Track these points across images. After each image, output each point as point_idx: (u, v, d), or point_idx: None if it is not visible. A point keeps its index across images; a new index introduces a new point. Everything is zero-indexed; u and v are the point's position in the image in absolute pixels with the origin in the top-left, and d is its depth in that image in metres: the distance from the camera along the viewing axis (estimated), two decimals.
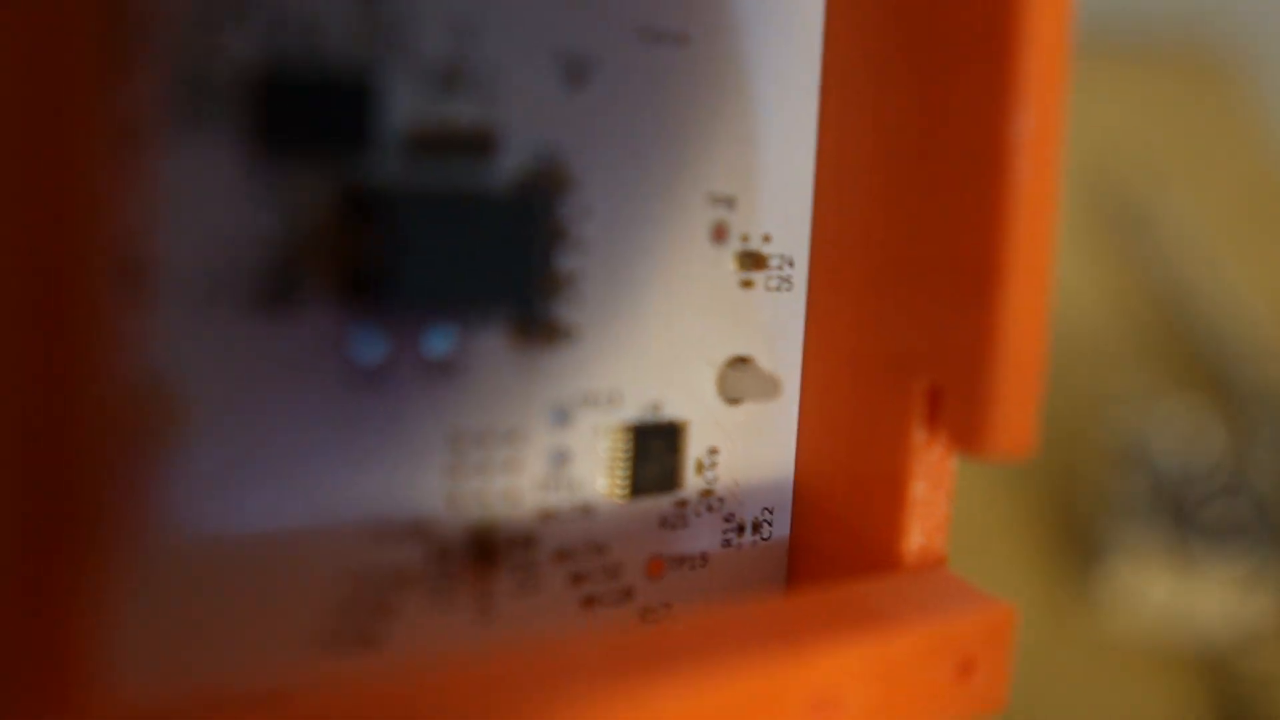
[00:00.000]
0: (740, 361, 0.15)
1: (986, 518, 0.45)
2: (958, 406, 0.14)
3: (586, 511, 0.14)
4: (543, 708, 0.11)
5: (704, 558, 0.15)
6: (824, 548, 0.16)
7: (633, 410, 0.15)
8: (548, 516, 0.14)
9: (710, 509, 0.15)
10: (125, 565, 0.11)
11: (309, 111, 0.12)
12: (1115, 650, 0.43)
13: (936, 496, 0.15)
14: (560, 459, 0.14)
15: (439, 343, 0.13)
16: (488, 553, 0.14)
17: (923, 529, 0.15)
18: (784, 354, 0.16)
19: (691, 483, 0.15)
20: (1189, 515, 0.44)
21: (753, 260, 0.15)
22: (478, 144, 0.13)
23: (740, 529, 0.16)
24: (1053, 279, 0.14)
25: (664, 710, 0.12)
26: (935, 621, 0.14)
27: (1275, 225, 0.57)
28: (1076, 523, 0.46)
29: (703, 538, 0.15)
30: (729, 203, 0.15)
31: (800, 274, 0.16)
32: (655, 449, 0.15)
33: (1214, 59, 0.60)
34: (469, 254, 0.12)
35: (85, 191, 0.10)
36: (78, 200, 0.10)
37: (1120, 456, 0.45)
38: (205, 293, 0.12)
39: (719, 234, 0.15)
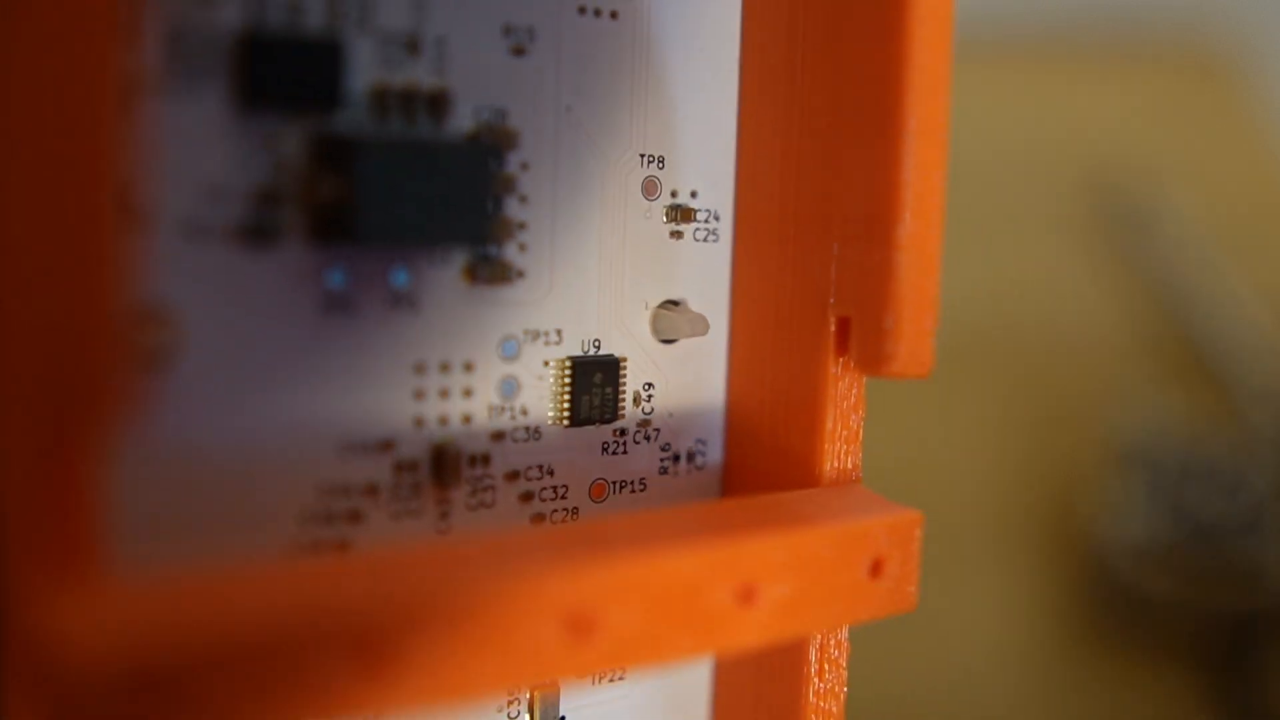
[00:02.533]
0: (672, 304, 0.17)
1: (986, 517, 0.46)
2: (863, 334, 0.16)
3: (535, 436, 0.16)
4: (494, 583, 0.13)
5: (643, 482, 0.17)
6: (753, 473, 0.18)
7: (575, 346, 0.16)
8: (500, 439, 0.16)
9: (648, 438, 0.17)
10: (127, 464, 0.13)
11: (287, 71, 0.14)
12: (1115, 649, 0.44)
13: (849, 418, 0.17)
14: (510, 388, 0.16)
15: (402, 277, 0.15)
16: (447, 469, 0.15)
17: (838, 449, 0.17)
18: (712, 297, 0.17)
19: (630, 413, 0.17)
20: (1187, 515, 0.44)
21: (681, 213, 0.17)
22: (434, 104, 0.15)
23: (676, 458, 0.17)
24: (941, 221, 0.16)
25: (600, 587, 0.13)
26: (847, 523, 0.15)
27: (1275, 225, 0.58)
28: (1075, 522, 0.47)
29: (641, 464, 0.17)
30: (659, 161, 0.17)
31: (726, 226, 0.17)
32: (595, 381, 0.16)
33: (1214, 59, 0.61)
34: (427, 197, 0.14)
35: (95, 138, 0.12)
36: (89, 145, 0.12)
37: (1120, 456, 0.46)
38: (194, 230, 0.13)
39: (650, 189, 0.17)
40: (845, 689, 0.17)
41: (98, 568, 0.12)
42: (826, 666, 0.17)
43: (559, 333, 0.16)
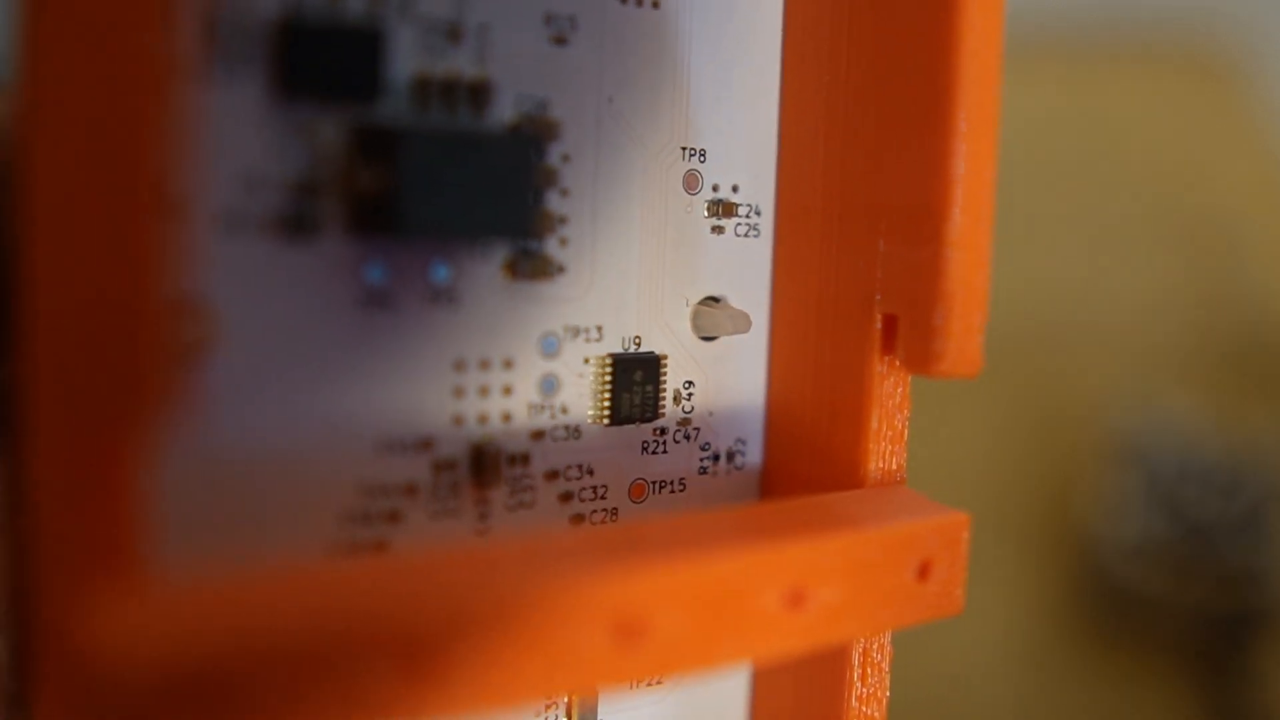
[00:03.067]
0: (713, 300, 0.17)
1: (983, 516, 0.46)
2: (910, 333, 0.16)
3: (575, 435, 0.16)
4: (543, 587, 0.13)
5: (682, 482, 0.17)
6: (794, 473, 0.17)
7: (615, 343, 0.16)
8: (540, 438, 0.15)
9: (688, 438, 0.17)
10: (167, 460, 0.13)
11: (327, 59, 0.13)
12: (1109, 648, 0.44)
13: (895, 417, 0.16)
14: (550, 385, 0.15)
15: (442, 272, 0.14)
16: (487, 468, 0.15)
17: (883, 449, 0.16)
18: (753, 294, 0.17)
19: (670, 412, 0.17)
20: (1184, 516, 0.44)
21: (723, 208, 0.17)
22: (475, 94, 0.14)
23: (715, 458, 0.17)
24: (992, 217, 0.15)
25: (650, 591, 0.13)
26: (896, 526, 0.15)
27: (1274, 225, 0.58)
28: (1072, 520, 0.46)
29: (681, 464, 0.17)
30: (701, 154, 0.16)
31: (767, 221, 0.17)
32: (636, 379, 0.16)
33: (1214, 59, 0.61)
34: (470, 189, 0.14)
35: (135, 126, 0.12)
36: (130, 135, 0.12)
37: (1117, 455, 0.46)
38: (231, 221, 0.13)
39: (691, 183, 0.16)
40: (888, 693, 0.17)
41: (137, 569, 0.12)
42: (870, 671, 0.16)
43: (599, 329, 0.16)
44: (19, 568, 0.12)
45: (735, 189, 0.17)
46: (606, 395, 0.16)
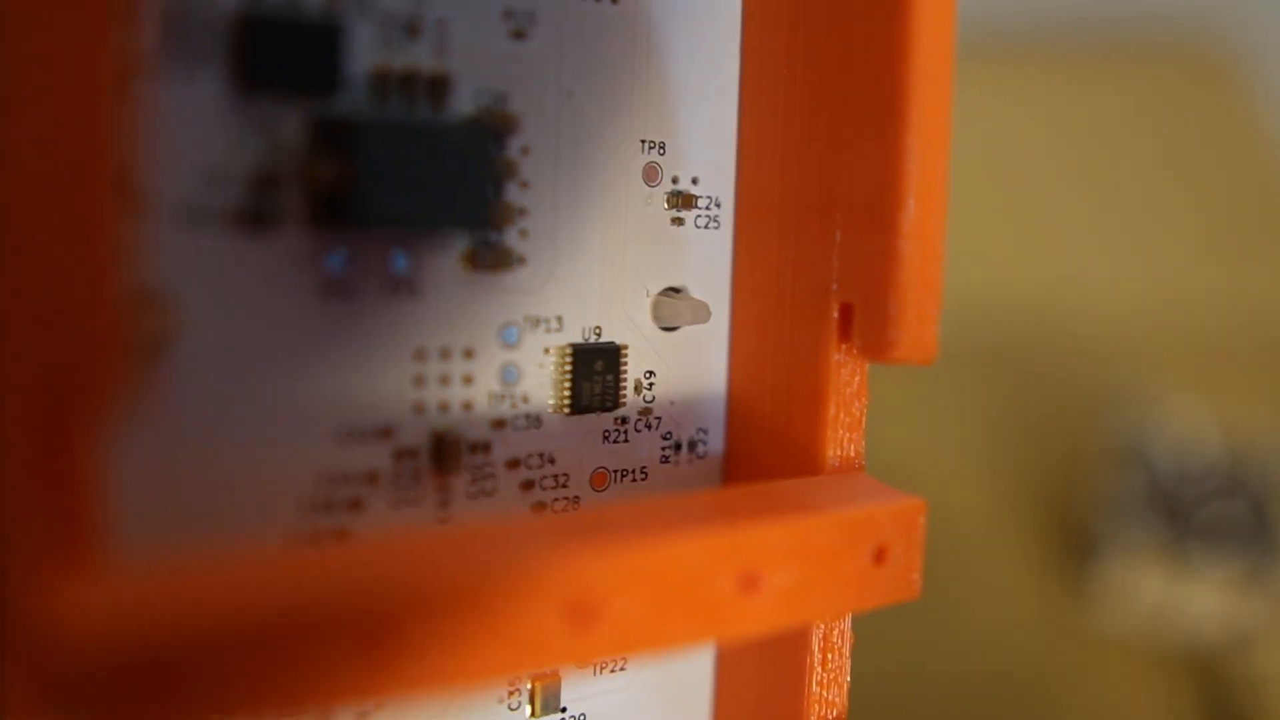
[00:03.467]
0: (673, 291, 0.17)
1: (983, 515, 0.46)
2: (866, 321, 0.16)
3: (536, 424, 0.16)
4: (497, 570, 0.13)
5: (644, 471, 0.17)
6: (755, 461, 0.18)
7: (575, 334, 0.16)
8: (500, 426, 0.16)
9: (649, 426, 0.17)
10: (125, 450, 0.13)
11: (286, 52, 0.14)
12: (1108, 648, 0.44)
13: (852, 405, 0.16)
14: (511, 375, 0.16)
15: (401, 262, 0.15)
16: (448, 456, 0.15)
17: (841, 436, 0.17)
18: (714, 284, 0.17)
19: (631, 401, 0.17)
20: (1184, 515, 0.44)
21: (682, 200, 0.17)
22: (434, 87, 0.15)
23: (677, 447, 0.17)
24: (945, 206, 0.16)
25: (603, 575, 0.13)
26: (851, 510, 0.15)
27: (1274, 225, 0.58)
28: (1072, 520, 0.46)
29: (643, 452, 0.17)
30: (660, 147, 0.17)
31: (727, 213, 0.17)
32: (596, 369, 0.16)
33: (1214, 59, 0.61)
34: (428, 181, 0.14)
35: (93, 120, 0.12)
36: (87, 128, 0.12)
37: (1117, 455, 0.46)
38: (192, 214, 0.13)
39: (651, 175, 0.17)
40: (848, 679, 0.17)
41: (96, 554, 0.12)
42: (830, 656, 0.17)
43: (559, 320, 0.16)
44: None
45: (695, 181, 0.17)
46: (567, 385, 0.16)
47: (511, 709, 0.16)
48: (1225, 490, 0.45)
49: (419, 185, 0.14)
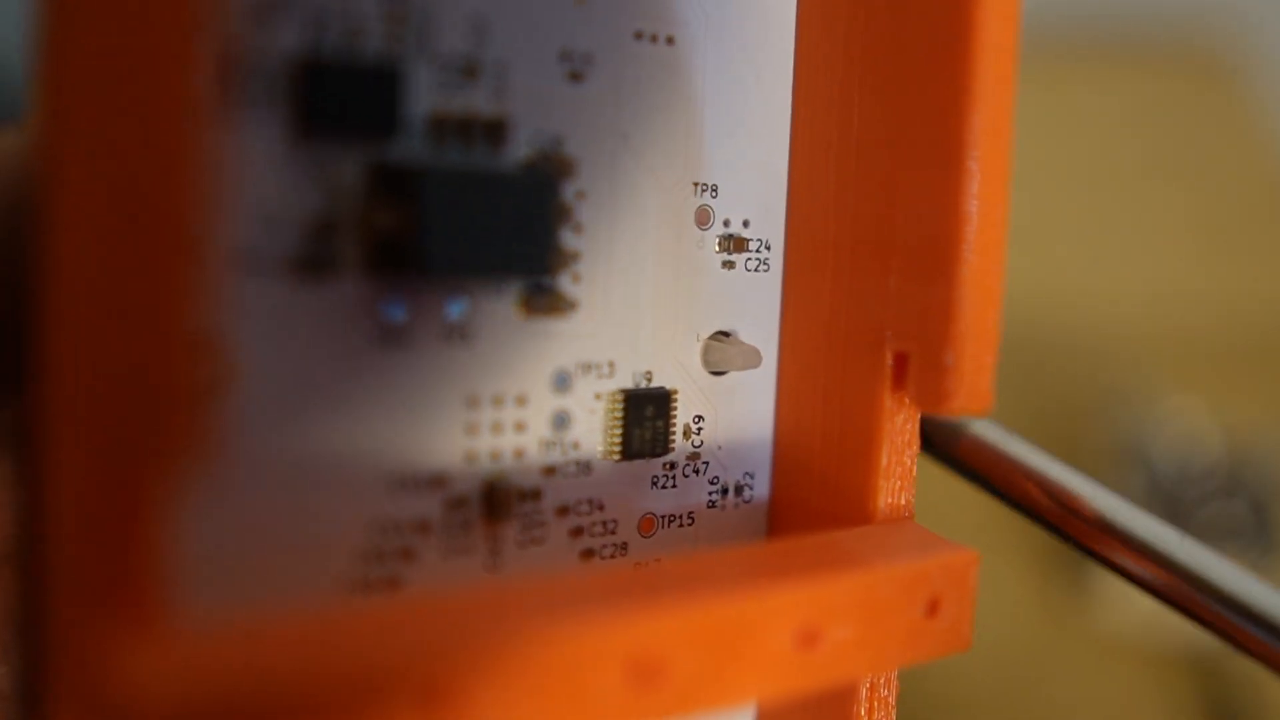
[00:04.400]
0: (723, 335, 0.17)
1: (983, 514, 0.45)
2: (922, 371, 0.16)
3: (585, 470, 0.16)
4: (561, 629, 0.13)
5: (691, 516, 0.17)
6: (801, 507, 0.17)
7: (626, 379, 0.16)
8: (551, 474, 0.15)
9: (697, 471, 0.17)
10: (187, 500, 0.13)
11: (345, 98, 0.13)
12: (1108, 648, 0.43)
13: (904, 454, 0.16)
14: (562, 421, 0.15)
15: (457, 309, 0.14)
16: (499, 505, 0.15)
17: (892, 485, 0.16)
18: (763, 329, 0.17)
19: (680, 447, 0.17)
20: (1185, 516, 0.44)
21: (734, 243, 0.17)
22: (491, 131, 0.15)
23: (724, 491, 0.17)
24: (1004, 257, 0.16)
25: (666, 632, 0.13)
26: (905, 564, 0.15)
27: (1274, 225, 0.57)
28: None
29: (690, 498, 0.17)
30: (712, 190, 0.16)
31: (777, 256, 0.17)
32: (647, 414, 0.16)
33: (1214, 59, 0.61)
34: (489, 229, 0.14)
35: (161, 167, 0.12)
36: (155, 175, 0.12)
37: (1118, 456, 0.46)
38: (252, 261, 0.13)
39: (703, 219, 0.16)
40: None
41: (159, 610, 0.12)
42: (877, 705, 0.16)
43: (611, 365, 0.16)
44: (38, 604, 0.12)
45: (746, 224, 0.17)
46: (618, 431, 0.16)
47: None
48: (1225, 490, 0.45)
49: (480, 233, 0.14)
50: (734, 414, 0.17)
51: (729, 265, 0.17)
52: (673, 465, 0.17)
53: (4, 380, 0.15)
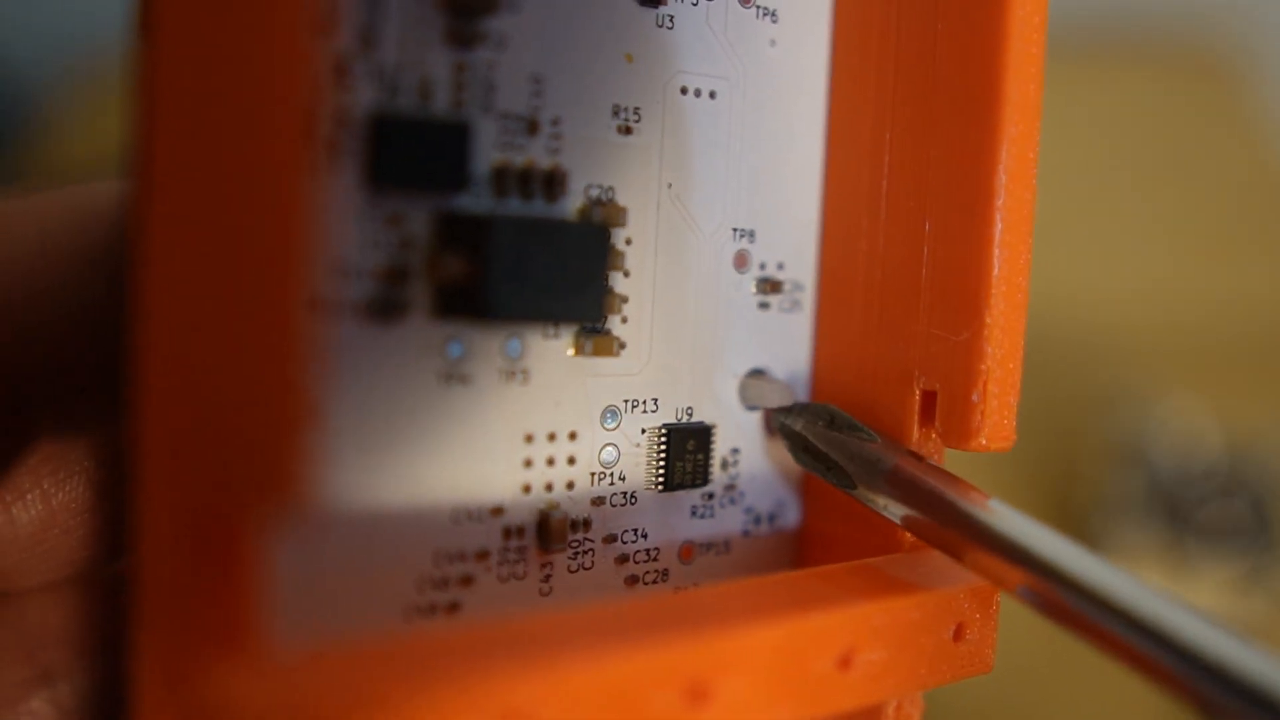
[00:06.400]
0: (758, 372, 0.18)
1: None
2: (949, 408, 0.17)
3: (631, 501, 0.17)
4: (621, 654, 0.13)
5: (727, 544, 0.18)
6: (830, 536, 0.18)
7: (670, 414, 0.17)
8: (600, 504, 0.16)
9: (733, 501, 0.18)
10: (277, 534, 0.13)
11: (417, 153, 0.14)
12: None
13: None
14: (611, 455, 0.16)
15: (516, 350, 0.15)
16: (552, 534, 0.16)
17: None
18: (794, 365, 0.18)
19: (717, 478, 0.17)
20: (1185, 515, 0.44)
21: (769, 285, 0.18)
22: (549, 182, 0.15)
23: (758, 520, 0.18)
24: (1026, 303, 0.17)
25: (717, 656, 0.14)
26: (935, 589, 0.16)
27: (1273, 225, 0.58)
28: (1072, 520, 0.47)
29: (726, 527, 0.18)
30: (750, 235, 0.17)
31: (808, 296, 0.18)
32: (688, 448, 0.17)
33: (1214, 59, 0.61)
34: (550, 276, 0.15)
35: (259, 219, 0.13)
36: (254, 227, 0.12)
37: (1117, 455, 0.46)
38: (330, 307, 0.14)
39: (740, 262, 0.17)
40: None
41: (254, 637, 0.12)
42: None
43: (655, 401, 0.17)
44: (129, 630, 0.13)
45: (780, 266, 0.18)
46: (661, 463, 0.17)
47: None
48: (1225, 490, 0.45)
49: (543, 281, 0.15)
50: (768, 447, 0.18)
51: (765, 306, 0.18)
52: (711, 495, 0.17)
53: (80, 417, 0.16)
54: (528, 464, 0.16)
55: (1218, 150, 0.60)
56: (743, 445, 0.18)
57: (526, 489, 0.16)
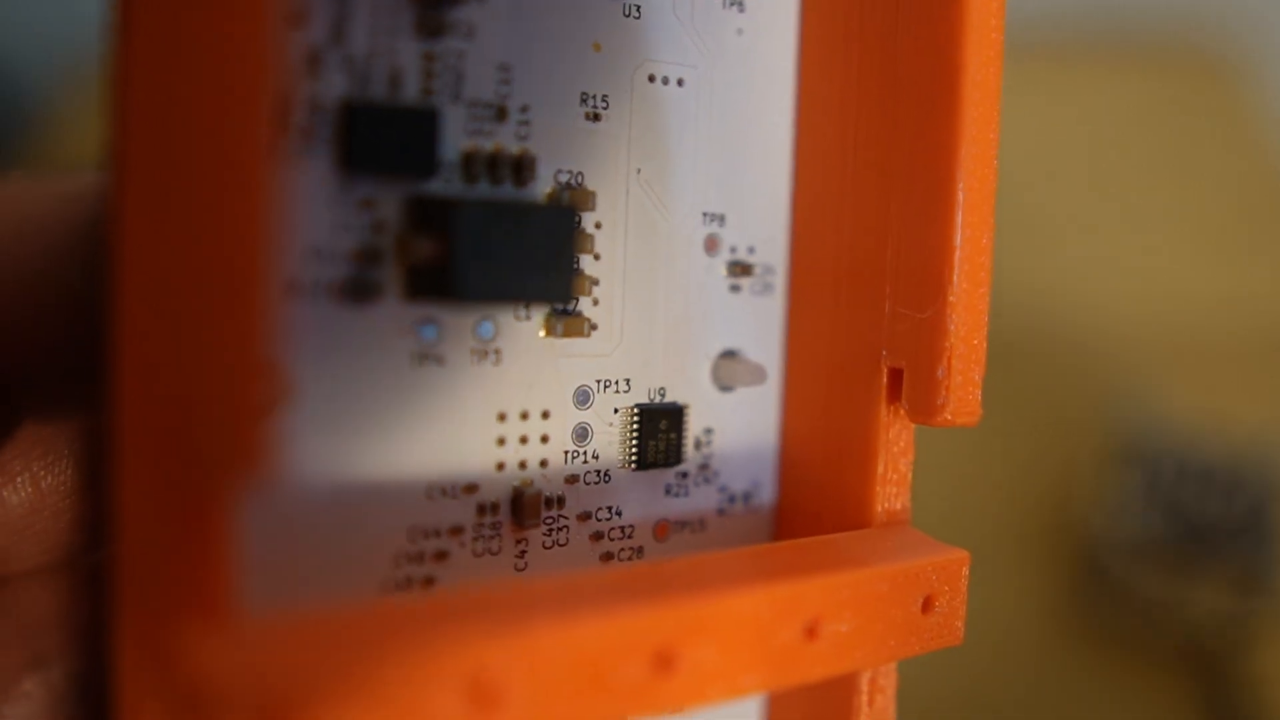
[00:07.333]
0: (730, 354, 0.18)
1: (983, 515, 0.46)
2: (914, 386, 0.17)
3: (605, 479, 0.17)
4: (594, 624, 0.14)
5: (702, 522, 0.18)
6: (804, 513, 0.19)
7: (642, 394, 0.17)
8: (573, 482, 0.17)
9: (707, 480, 0.18)
10: (247, 509, 0.14)
11: (387, 139, 0.15)
12: (1108, 648, 0.44)
13: (900, 462, 0.18)
14: (583, 434, 0.17)
15: (488, 330, 0.16)
16: (526, 510, 0.16)
17: (889, 491, 0.18)
18: (767, 347, 0.18)
19: (691, 457, 0.18)
20: (1185, 515, 0.44)
21: (740, 268, 0.18)
22: (518, 168, 0.16)
23: (732, 499, 0.18)
24: (989, 280, 0.17)
25: (683, 626, 0.14)
26: (902, 562, 0.16)
27: (1273, 224, 0.58)
28: (1072, 520, 0.47)
29: (700, 505, 0.18)
30: (720, 219, 0.18)
31: (780, 279, 0.18)
32: (661, 428, 0.17)
33: (1214, 59, 0.61)
34: (518, 258, 0.15)
35: (228, 204, 0.13)
36: (223, 211, 0.13)
37: (1117, 455, 0.46)
38: (303, 288, 0.14)
39: (711, 246, 0.18)
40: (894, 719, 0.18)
41: (227, 608, 0.13)
42: (877, 696, 0.18)
43: (627, 382, 0.17)
44: (110, 606, 0.13)
45: (751, 250, 0.18)
46: (634, 442, 0.17)
47: None
48: (1225, 490, 0.45)
49: (510, 262, 0.15)
50: (741, 427, 0.18)
51: (736, 289, 0.18)
52: (685, 474, 0.18)
53: (65, 401, 0.16)
54: (501, 442, 0.16)
55: (1218, 150, 0.60)
56: (716, 425, 0.18)
57: (500, 466, 0.16)
